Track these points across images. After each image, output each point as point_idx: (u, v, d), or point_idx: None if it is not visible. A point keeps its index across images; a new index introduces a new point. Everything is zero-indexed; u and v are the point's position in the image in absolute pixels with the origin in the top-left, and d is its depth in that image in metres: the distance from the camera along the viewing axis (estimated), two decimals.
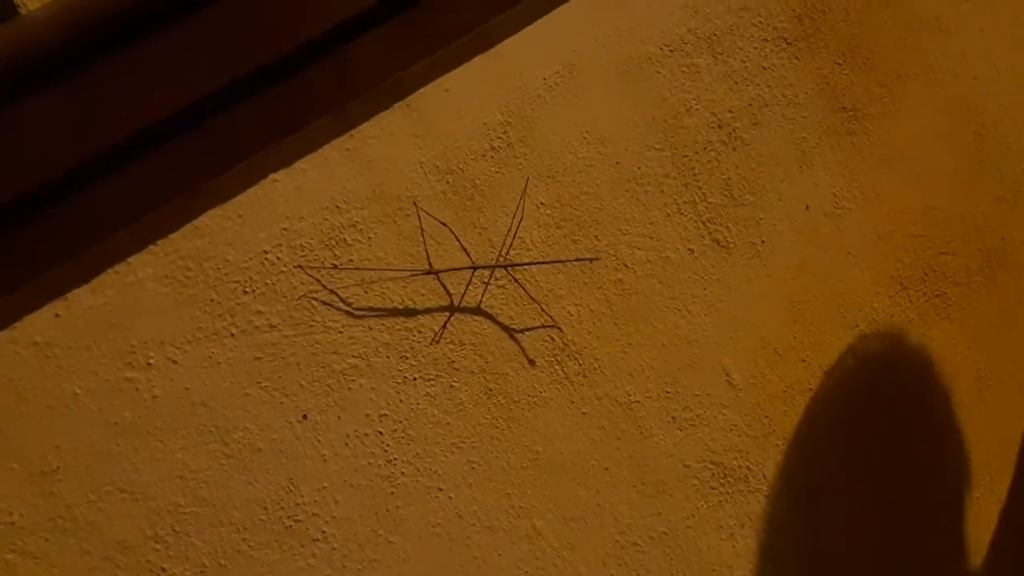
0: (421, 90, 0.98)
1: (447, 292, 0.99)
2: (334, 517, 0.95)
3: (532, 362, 1.04)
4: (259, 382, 0.92)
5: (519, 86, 1.02)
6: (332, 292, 0.94)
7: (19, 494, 0.83)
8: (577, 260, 1.05)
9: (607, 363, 1.08)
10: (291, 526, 0.93)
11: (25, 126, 0.81)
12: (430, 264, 0.98)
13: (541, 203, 1.04)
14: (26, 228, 0.82)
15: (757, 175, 1.17)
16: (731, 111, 1.14)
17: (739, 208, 1.16)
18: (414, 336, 0.98)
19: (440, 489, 1.00)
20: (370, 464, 0.97)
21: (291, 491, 0.93)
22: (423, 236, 0.98)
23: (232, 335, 0.90)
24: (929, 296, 1.30)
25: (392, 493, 0.98)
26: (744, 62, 1.15)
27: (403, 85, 0.96)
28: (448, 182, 0.99)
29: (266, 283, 0.91)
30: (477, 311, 1.01)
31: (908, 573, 1.31)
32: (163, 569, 0.89)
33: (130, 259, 0.87)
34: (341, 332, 0.95)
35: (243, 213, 0.90)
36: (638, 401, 1.10)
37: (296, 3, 0.88)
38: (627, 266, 1.09)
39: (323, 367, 0.94)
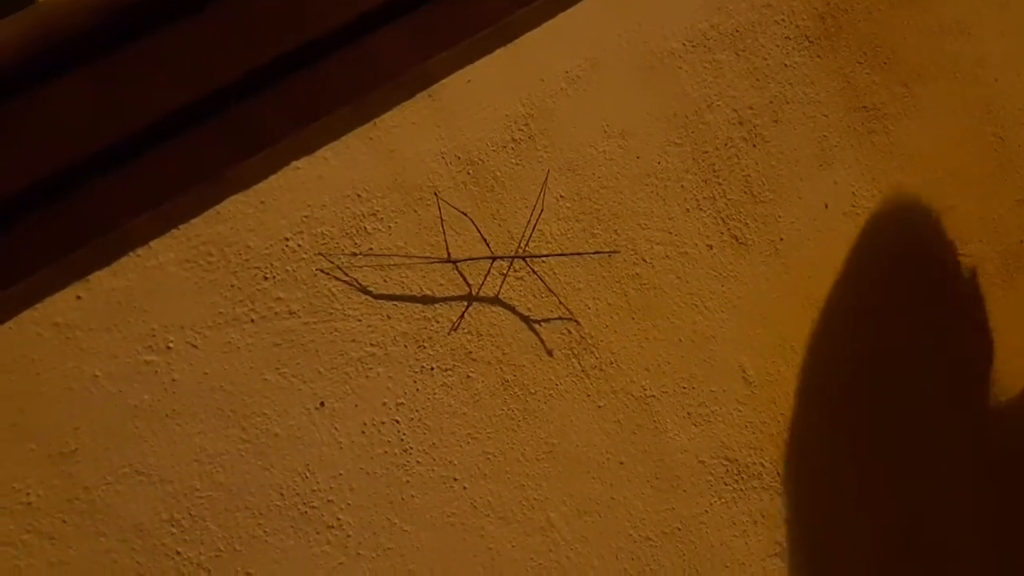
0: (444, 81, 0.98)
1: (466, 282, 1.00)
2: (349, 504, 0.95)
3: (550, 353, 1.04)
4: (278, 368, 0.92)
5: (541, 79, 1.02)
6: (352, 280, 0.94)
7: (37, 475, 0.84)
8: (596, 253, 1.05)
9: (624, 357, 1.08)
10: (306, 512, 0.94)
11: (50, 110, 0.81)
12: (449, 254, 0.98)
13: (561, 196, 1.04)
14: (50, 210, 0.82)
15: (777, 172, 1.17)
16: (752, 108, 1.14)
17: (758, 205, 1.15)
18: (432, 326, 0.98)
19: (455, 479, 1.00)
20: (386, 453, 0.97)
21: (307, 477, 0.93)
22: (443, 226, 0.98)
23: (252, 321, 0.91)
24: (940, 300, 1.29)
25: (407, 482, 0.98)
26: (766, 59, 1.15)
27: (426, 76, 0.97)
28: (469, 173, 0.99)
29: (286, 270, 0.92)
30: (495, 301, 1.01)
31: (921, 572, 1.30)
32: (178, 552, 0.89)
33: (152, 243, 0.87)
34: (360, 320, 0.95)
35: (265, 200, 0.91)
36: (654, 396, 1.10)
37: None
38: (645, 260, 1.09)
39: (341, 355, 0.94)
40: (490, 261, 1.00)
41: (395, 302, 0.97)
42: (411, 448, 0.98)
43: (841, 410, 1.23)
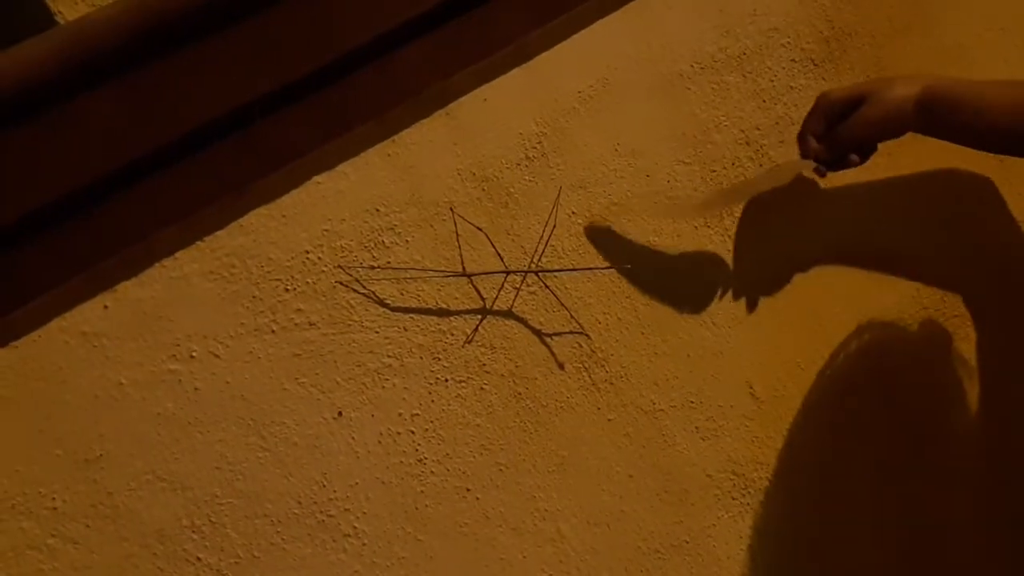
0: (460, 99, 1.00)
1: (480, 296, 1.02)
2: (365, 513, 0.97)
3: (561, 366, 1.06)
4: (297, 378, 0.94)
5: (555, 98, 1.05)
6: (370, 292, 0.96)
7: (62, 480, 0.86)
8: (607, 268, 1.07)
9: (633, 371, 1.10)
10: (323, 521, 0.95)
11: (81, 124, 0.83)
12: (464, 268, 1.00)
13: (573, 212, 1.06)
14: (79, 221, 0.84)
15: (782, 192, 1.19)
16: (759, 128, 1.16)
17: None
18: (447, 338, 1.00)
19: (468, 489, 1.02)
20: (401, 463, 0.99)
21: (324, 486, 0.95)
22: (458, 241, 1.01)
23: (273, 331, 0.93)
24: (948, 316, 1.31)
25: (422, 492, 1.00)
26: (772, 81, 1.17)
27: (444, 94, 0.99)
28: (484, 189, 1.02)
29: (307, 282, 0.94)
30: (508, 315, 1.03)
31: None
32: (198, 559, 0.91)
33: (177, 254, 0.89)
34: (377, 332, 0.97)
35: (287, 213, 0.93)
36: (663, 410, 1.12)
37: (344, 13, 0.91)
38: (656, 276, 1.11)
39: (359, 365, 0.96)
40: (504, 275, 1.02)
41: (411, 314, 0.99)
42: (426, 458, 1.00)
43: (847, 427, 1.25)
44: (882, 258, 1.26)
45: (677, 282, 1.12)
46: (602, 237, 1.07)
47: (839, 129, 1.07)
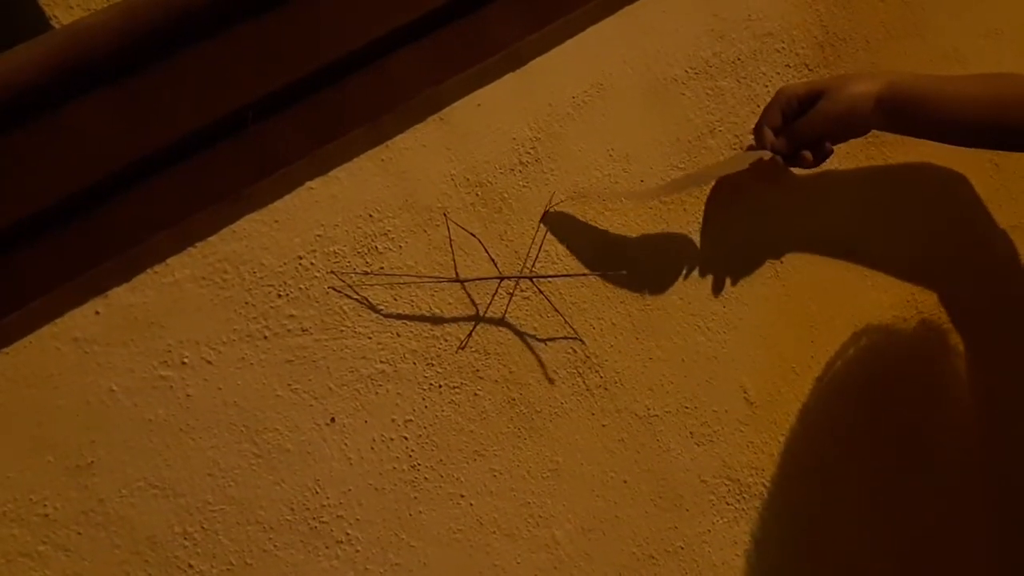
0: (454, 104, 1.00)
1: (473, 302, 1.02)
2: (358, 520, 0.97)
3: (555, 372, 1.05)
4: (290, 384, 0.93)
5: (548, 103, 1.05)
6: (362, 298, 0.96)
7: (54, 486, 0.85)
8: (601, 273, 1.07)
9: (627, 376, 1.10)
10: (316, 527, 0.95)
11: (75, 129, 0.83)
12: (457, 273, 1.00)
13: None
14: (71, 227, 0.84)
15: (776, 197, 1.19)
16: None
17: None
18: (440, 344, 1.00)
19: (462, 496, 1.02)
20: (394, 469, 0.98)
21: (317, 492, 0.95)
22: (451, 246, 1.00)
23: (265, 337, 0.92)
24: (944, 319, 1.31)
25: (415, 498, 0.99)
26: (767, 86, 1.17)
27: (437, 99, 0.99)
28: (477, 194, 1.01)
29: (299, 287, 0.94)
30: (502, 321, 1.03)
31: None
32: (190, 566, 0.90)
33: (169, 260, 0.89)
34: (370, 338, 0.97)
35: (279, 219, 0.93)
36: (657, 415, 1.12)
37: (337, 18, 0.91)
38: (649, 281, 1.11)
39: (352, 371, 0.96)
40: (497, 281, 1.02)
41: (404, 320, 0.98)
42: (419, 464, 1.00)
43: (843, 432, 1.25)
44: (876, 259, 1.26)
45: (671, 286, 1.12)
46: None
47: (796, 124, 1.08)
